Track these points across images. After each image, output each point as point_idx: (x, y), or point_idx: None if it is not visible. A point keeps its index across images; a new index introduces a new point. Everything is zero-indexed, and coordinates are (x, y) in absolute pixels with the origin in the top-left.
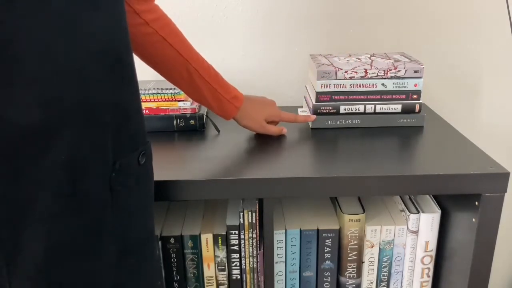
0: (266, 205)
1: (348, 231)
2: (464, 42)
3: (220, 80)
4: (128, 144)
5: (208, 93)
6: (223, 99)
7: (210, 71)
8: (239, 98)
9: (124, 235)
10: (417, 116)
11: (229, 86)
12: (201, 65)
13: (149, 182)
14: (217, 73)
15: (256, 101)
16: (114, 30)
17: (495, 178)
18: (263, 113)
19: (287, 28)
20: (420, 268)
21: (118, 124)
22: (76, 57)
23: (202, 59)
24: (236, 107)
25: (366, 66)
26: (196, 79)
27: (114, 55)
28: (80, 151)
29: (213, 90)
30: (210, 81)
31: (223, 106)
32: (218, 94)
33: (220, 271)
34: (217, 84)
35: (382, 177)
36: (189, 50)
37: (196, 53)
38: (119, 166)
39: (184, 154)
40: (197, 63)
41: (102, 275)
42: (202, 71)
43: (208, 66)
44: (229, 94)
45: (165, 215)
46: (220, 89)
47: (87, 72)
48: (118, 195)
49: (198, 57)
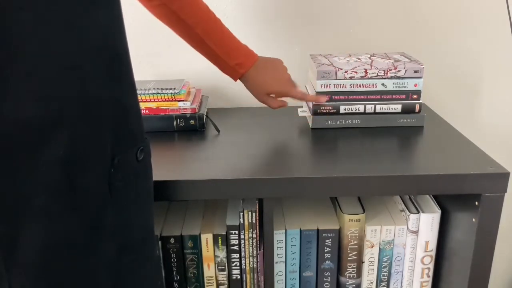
0: (266, 205)
1: (348, 231)
2: (464, 42)
3: (227, 44)
4: (126, 140)
5: (211, 58)
6: (225, 65)
7: (216, 35)
8: (243, 65)
9: (123, 233)
10: (417, 116)
11: (235, 52)
12: (207, 30)
13: (148, 179)
14: (226, 36)
15: (267, 73)
16: (111, 26)
17: (495, 178)
18: (270, 88)
19: (287, 28)
20: (420, 268)
21: (116, 120)
22: (74, 52)
23: (211, 21)
24: (239, 73)
25: (366, 66)
26: (199, 44)
27: (112, 51)
28: (78, 146)
29: (216, 56)
30: (213, 47)
31: (225, 70)
32: (219, 60)
33: (220, 271)
34: (221, 49)
35: (382, 177)
36: (195, 14)
37: (205, 15)
38: (117, 162)
39: (184, 154)
40: (202, 28)
41: (101, 273)
42: (206, 36)
43: (214, 29)
44: (233, 60)
45: (165, 215)
46: (223, 55)
47: (85, 68)
48: (116, 191)
49: (205, 21)
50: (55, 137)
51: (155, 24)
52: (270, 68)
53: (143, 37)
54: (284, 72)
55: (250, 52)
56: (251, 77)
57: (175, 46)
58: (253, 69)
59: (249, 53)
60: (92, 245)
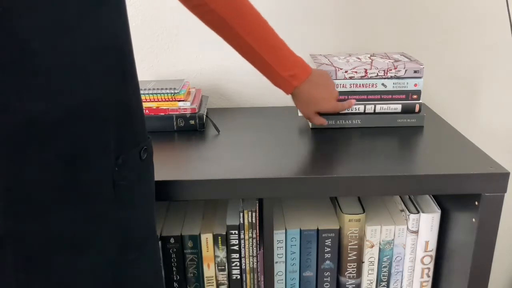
0: (266, 205)
1: (348, 231)
2: (464, 42)
3: (279, 55)
4: (130, 139)
5: (263, 68)
6: (278, 76)
7: (266, 44)
8: (297, 76)
9: (125, 232)
10: (417, 116)
11: (289, 62)
12: (257, 38)
13: (150, 179)
14: (279, 45)
15: (319, 90)
16: (117, 26)
17: (495, 178)
18: (321, 108)
19: (287, 28)
20: (420, 268)
21: (120, 120)
22: (81, 52)
23: (263, 29)
24: (292, 85)
25: (366, 66)
26: (250, 53)
27: (117, 51)
28: (83, 144)
29: (267, 65)
30: (265, 56)
31: (277, 82)
32: (272, 70)
33: (220, 271)
34: (273, 59)
35: (382, 177)
36: (244, 21)
37: (255, 23)
38: (122, 161)
39: (184, 154)
40: (252, 36)
41: (103, 271)
42: (256, 45)
43: (265, 38)
44: (287, 71)
45: (165, 215)
46: (277, 66)
47: (91, 67)
48: (120, 190)
49: (255, 28)
50: (59, 134)
51: (155, 24)
52: (322, 84)
53: (143, 37)
54: (333, 89)
55: (304, 64)
56: (303, 92)
57: (175, 46)
58: (307, 83)
59: (304, 65)
60: (95, 243)
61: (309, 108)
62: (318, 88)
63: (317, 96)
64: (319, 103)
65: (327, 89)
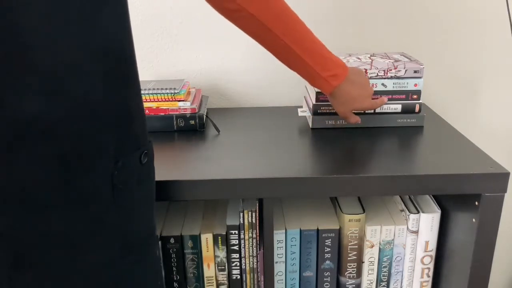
0: (266, 205)
1: (348, 231)
2: (464, 42)
3: (319, 55)
4: (130, 143)
5: (302, 69)
6: (317, 76)
7: (306, 45)
8: (338, 76)
9: (125, 234)
10: (417, 116)
11: (329, 62)
12: (297, 40)
13: (150, 182)
14: (318, 46)
15: (356, 88)
16: (118, 29)
17: (495, 178)
18: (359, 106)
19: None
20: (420, 268)
21: (120, 123)
22: (81, 52)
23: (301, 31)
24: (332, 85)
25: (366, 66)
26: (289, 54)
27: (119, 53)
28: (81, 146)
29: (308, 66)
30: (304, 57)
31: (316, 82)
32: (312, 71)
33: (220, 271)
34: (313, 60)
35: (382, 177)
36: (283, 23)
37: (294, 24)
38: (121, 164)
39: (184, 154)
40: (291, 38)
41: (102, 273)
42: (296, 46)
43: (305, 39)
44: (327, 71)
45: (165, 215)
46: (316, 66)
47: (91, 68)
48: (119, 193)
49: (294, 30)
50: (57, 135)
51: (155, 24)
52: (358, 83)
53: (143, 37)
54: (369, 87)
55: (343, 64)
56: (341, 91)
57: (175, 46)
58: (345, 82)
59: (342, 65)
60: (92, 245)
61: (346, 107)
62: (354, 86)
63: (354, 95)
64: (356, 102)
65: (363, 87)
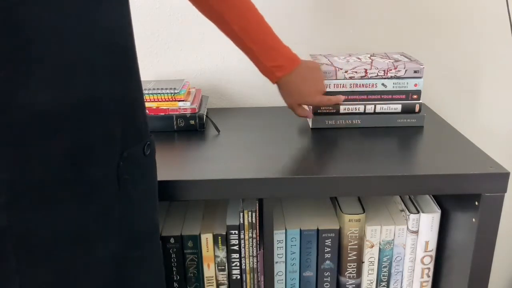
0: (266, 205)
1: (348, 231)
2: (464, 42)
3: (266, 45)
4: (134, 135)
5: (251, 57)
6: (262, 65)
7: (254, 34)
8: (282, 68)
9: (130, 227)
10: (417, 116)
11: (276, 53)
12: (246, 28)
13: (153, 176)
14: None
15: (306, 83)
16: (122, 23)
17: (495, 178)
18: (305, 100)
19: (287, 28)
20: (420, 268)
21: (124, 115)
22: (86, 45)
23: (253, 20)
24: (276, 76)
25: (366, 66)
26: (238, 41)
27: (122, 47)
28: (88, 138)
29: (254, 55)
30: (252, 46)
31: (262, 71)
32: (258, 60)
33: (220, 271)
34: (259, 50)
35: (382, 177)
36: (235, 11)
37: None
38: (126, 155)
39: (184, 154)
40: (240, 26)
41: (107, 266)
42: (244, 34)
43: (254, 28)
44: (272, 62)
45: (165, 215)
46: (261, 55)
47: (96, 61)
48: (125, 185)
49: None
50: (65, 127)
51: (154, 24)
52: (310, 78)
53: (143, 37)
54: (321, 83)
55: (292, 56)
56: (288, 83)
57: (175, 46)
58: (293, 74)
59: (291, 57)
60: (99, 238)
61: (293, 99)
62: (304, 81)
63: (302, 89)
64: (303, 96)
65: (314, 83)
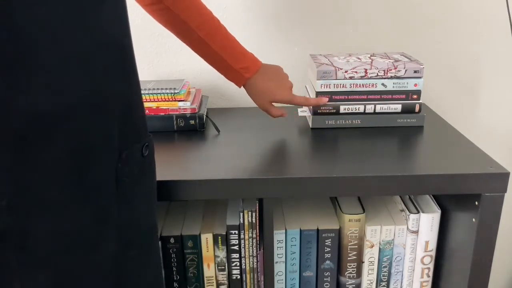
0: (266, 205)
1: (348, 231)
2: (464, 42)
3: (231, 49)
4: (133, 135)
5: (215, 62)
6: (230, 68)
7: (218, 39)
8: (249, 69)
9: (128, 228)
10: (417, 116)
11: (241, 56)
12: (210, 34)
13: (152, 176)
14: (230, 41)
15: (271, 80)
16: (119, 23)
17: (495, 178)
18: (274, 96)
19: (287, 28)
20: (420, 268)
21: (123, 115)
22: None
23: (214, 26)
24: (244, 77)
25: (366, 66)
26: (202, 47)
27: (119, 47)
28: (88, 139)
29: (221, 59)
30: (218, 50)
31: (229, 75)
32: (225, 64)
33: (220, 271)
34: (226, 53)
35: (382, 177)
36: (198, 17)
37: (207, 19)
38: (125, 156)
39: (184, 154)
40: (205, 31)
41: (106, 267)
42: (210, 39)
43: (218, 33)
44: (239, 64)
45: (165, 215)
46: (228, 59)
47: (95, 62)
48: (123, 186)
49: (208, 24)
50: (65, 129)
51: (154, 24)
52: (273, 75)
53: (143, 37)
54: (287, 80)
55: (254, 58)
56: (255, 83)
57: (175, 46)
58: (258, 74)
59: (254, 59)
60: (98, 239)
61: (264, 98)
62: (270, 78)
63: (270, 85)
64: (272, 92)
65: (279, 80)
